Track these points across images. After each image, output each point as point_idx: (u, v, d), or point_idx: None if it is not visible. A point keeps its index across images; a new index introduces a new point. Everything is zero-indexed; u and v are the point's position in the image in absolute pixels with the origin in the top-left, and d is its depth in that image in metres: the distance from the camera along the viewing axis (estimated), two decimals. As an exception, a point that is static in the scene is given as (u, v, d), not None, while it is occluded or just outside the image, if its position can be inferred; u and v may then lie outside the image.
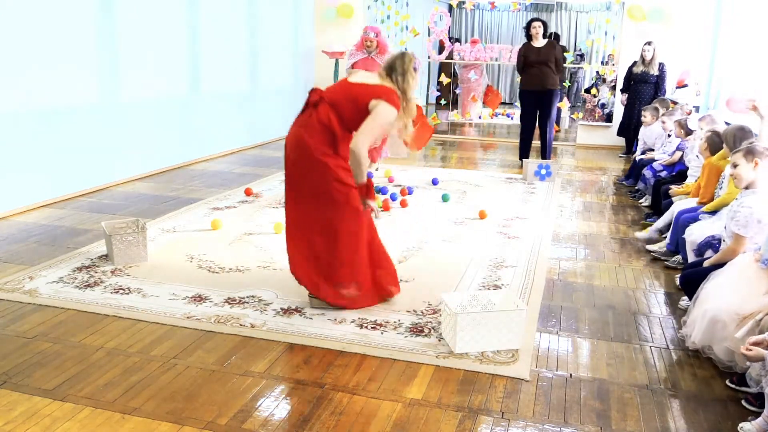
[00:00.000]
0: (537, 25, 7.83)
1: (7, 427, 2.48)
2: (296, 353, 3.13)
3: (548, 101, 7.94)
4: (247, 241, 4.83)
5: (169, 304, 3.64)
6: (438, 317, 3.52)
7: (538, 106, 8.00)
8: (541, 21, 7.91)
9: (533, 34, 7.84)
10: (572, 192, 6.92)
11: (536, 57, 7.80)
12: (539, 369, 3.05)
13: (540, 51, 7.82)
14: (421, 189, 6.71)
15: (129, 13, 6.49)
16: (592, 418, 2.66)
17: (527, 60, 7.86)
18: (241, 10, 8.70)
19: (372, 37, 6.99)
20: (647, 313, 3.76)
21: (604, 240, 5.17)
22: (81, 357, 3.03)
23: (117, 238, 4.23)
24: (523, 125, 8.27)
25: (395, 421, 2.59)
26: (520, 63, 8.02)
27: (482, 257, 4.62)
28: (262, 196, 6.27)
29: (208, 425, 2.53)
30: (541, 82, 7.85)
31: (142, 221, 4.53)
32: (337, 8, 10.59)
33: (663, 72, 8.65)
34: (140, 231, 4.32)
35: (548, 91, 7.88)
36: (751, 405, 2.73)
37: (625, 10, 9.79)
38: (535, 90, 7.89)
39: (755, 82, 6.98)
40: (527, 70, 7.92)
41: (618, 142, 9.62)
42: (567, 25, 16.56)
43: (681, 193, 5.18)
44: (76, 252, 4.47)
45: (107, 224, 4.42)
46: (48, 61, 5.60)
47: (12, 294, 3.73)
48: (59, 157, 5.82)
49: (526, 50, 7.92)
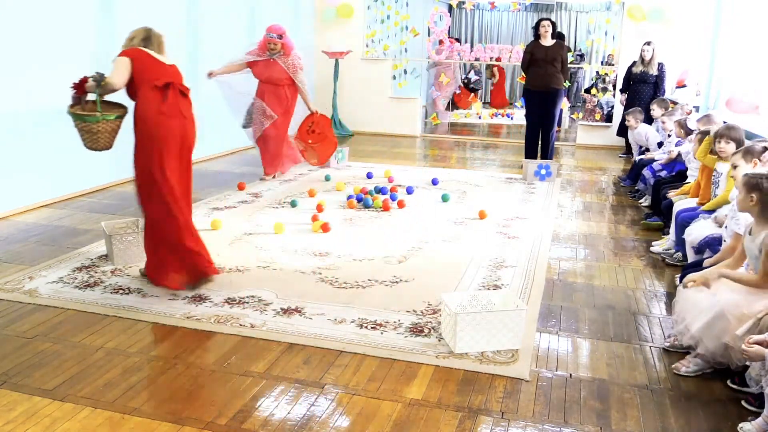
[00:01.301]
0: (547, 24, 7.77)
1: (7, 427, 2.48)
2: (296, 353, 3.13)
3: (553, 101, 7.89)
4: (247, 241, 4.83)
5: (169, 304, 3.64)
6: (438, 317, 3.52)
7: (542, 106, 7.94)
8: (550, 20, 7.87)
9: (542, 33, 7.76)
10: (572, 192, 6.92)
11: (543, 56, 7.74)
12: (539, 369, 3.05)
13: (547, 50, 7.77)
14: (421, 189, 6.71)
15: (129, 13, 6.48)
16: (592, 418, 2.66)
17: (534, 58, 7.80)
18: (241, 10, 8.70)
19: (276, 40, 6.55)
20: (647, 313, 3.76)
21: (604, 240, 5.17)
22: (81, 357, 3.03)
23: (117, 239, 4.24)
24: (529, 125, 8.17)
25: (395, 421, 2.59)
26: (525, 61, 7.93)
27: (482, 257, 4.62)
28: (262, 196, 6.28)
29: (208, 425, 2.53)
30: (546, 81, 7.79)
31: (142, 221, 4.51)
32: (337, 8, 10.60)
33: (662, 72, 8.65)
34: (140, 231, 4.30)
35: (553, 90, 7.83)
36: (750, 405, 2.73)
37: (625, 10, 9.80)
38: (541, 90, 7.84)
39: (755, 82, 6.98)
40: (533, 69, 7.84)
41: (618, 142, 9.62)
42: (567, 25, 16.55)
43: (680, 194, 5.18)
44: (76, 252, 4.47)
45: (107, 224, 4.42)
46: (48, 61, 5.60)
47: (12, 294, 3.73)
48: (59, 157, 5.81)
49: (533, 48, 7.85)
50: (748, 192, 3.00)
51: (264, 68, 6.67)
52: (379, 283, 4.05)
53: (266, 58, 6.62)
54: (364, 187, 6.34)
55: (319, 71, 10.78)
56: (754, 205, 2.99)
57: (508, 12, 16.71)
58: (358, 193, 6.12)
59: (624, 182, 7.27)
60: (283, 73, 6.64)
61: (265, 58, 6.62)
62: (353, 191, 6.26)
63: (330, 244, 4.80)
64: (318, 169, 7.67)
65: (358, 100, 10.71)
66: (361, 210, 5.79)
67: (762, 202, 2.95)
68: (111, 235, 4.25)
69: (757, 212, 3.00)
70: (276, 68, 6.65)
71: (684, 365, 3.05)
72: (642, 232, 5.41)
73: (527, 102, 8.17)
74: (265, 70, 6.67)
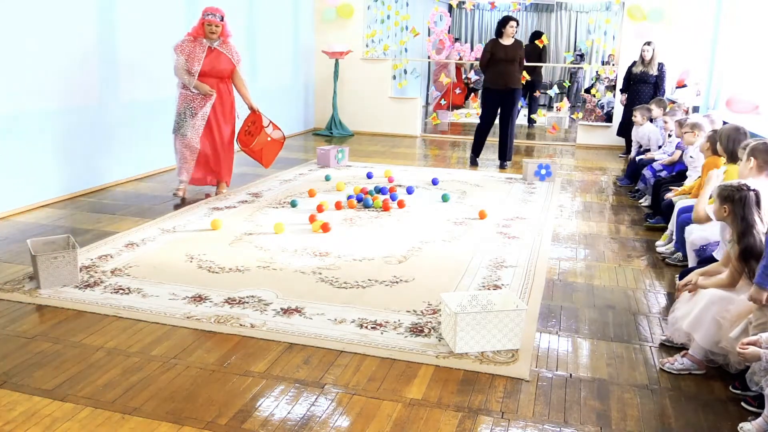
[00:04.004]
0: (514, 24, 7.86)
1: (7, 427, 2.48)
2: (296, 353, 3.13)
3: (512, 100, 7.97)
4: (247, 241, 4.83)
5: (169, 304, 3.64)
6: (438, 317, 3.52)
7: (501, 105, 7.98)
8: (516, 21, 7.93)
9: (509, 32, 7.82)
10: (572, 192, 6.92)
11: (504, 55, 7.81)
12: (539, 369, 3.05)
13: (507, 49, 7.83)
14: (421, 189, 6.71)
15: (129, 13, 6.48)
16: (592, 418, 2.66)
17: (494, 57, 7.84)
18: (241, 10, 8.70)
19: (218, 21, 5.56)
20: (647, 313, 3.76)
21: (604, 240, 5.17)
22: (81, 357, 3.03)
23: (43, 259, 3.74)
24: (482, 123, 8.22)
25: (395, 421, 2.59)
26: (485, 60, 7.94)
27: (482, 257, 4.62)
28: (262, 196, 6.27)
29: (208, 425, 2.53)
30: (507, 80, 7.86)
31: (73, 239, 4.07)
32: (337, 8, 10.59)
33: (662, 72, 8.65)
34: (71, 249, 3.89)
35: (513, 89, 7.92)
36: (750, 406, 2.73)
37: (625, 10, 9.80)
38: (501, 89, 7.89)
39: (755, 82, 6.98)
40: (493, 67, 7.89)
41: (618, 142, 9.62)
42: (567, 25, 16.56)
43: (681, 194, 5.17)
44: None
45: (33, 242, 3.94)
46: (48, 61, 5.60)
47: (12, 294, 3.73)
48: (59, 157, 5.82)
49: (493, 47, 7.89)
50: (722, 203, 3.12)
51: (210, 59, 5.67)
52: (379, 283, 4.05)
53: (207, 46, 5.65)
54: (364, 187, 6.34)
55: (319, 71, 10.79)
56: (727, 215, 3.10)
57: (508, 12, 16.70)
58: (358, 193, 6.12)
59: (621, 182, 7.27)
60: (229, 64, 5.79)
61: (204, 46, 5.63)
62: (353, 191, 6.26)
63: (330, 244, 4.80)
64: (318, 168, 7.67)
65: (358, 100, 10.71)
66: (360, 210, 5.79)
67: (734, 213, 3.06)
68: (36, 255, 3.76)
69: (730, 222, 3.11)
70: (221, 58, 5.72)
71: (670, 362, 3.09)
72: (642, 232, 5.41)
73: (486, 100, 8.16)
74: (209, 61, 5.67)
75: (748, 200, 3.04)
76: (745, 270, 2.98)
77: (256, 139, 6.12)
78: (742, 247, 2.98)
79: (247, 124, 6.10)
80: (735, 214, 3.05)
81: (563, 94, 13.91)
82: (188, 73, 5.62)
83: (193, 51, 5.62)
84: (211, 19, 5.56)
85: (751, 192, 3.06)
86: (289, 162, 8.06)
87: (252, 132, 6.11)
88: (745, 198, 3.04)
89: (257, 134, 6.12)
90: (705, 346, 2.99)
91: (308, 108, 10.89)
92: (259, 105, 6.15)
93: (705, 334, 2.98)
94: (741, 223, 3.02)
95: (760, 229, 2.99)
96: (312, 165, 7.92)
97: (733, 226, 3.08)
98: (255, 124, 6.10)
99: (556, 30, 16.60)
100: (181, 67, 5.64)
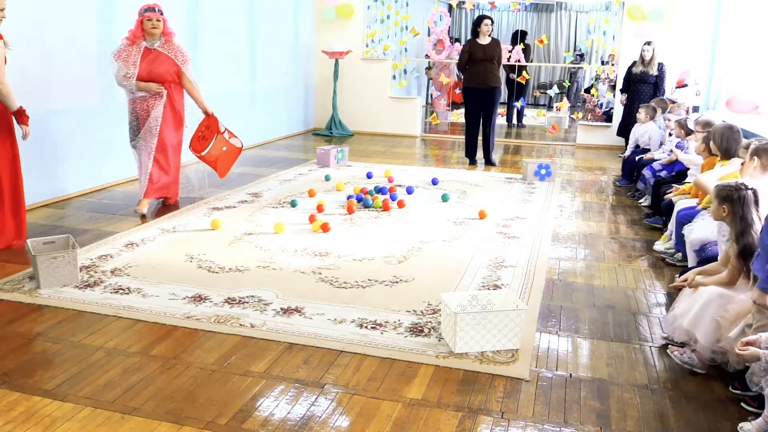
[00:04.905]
0: (489, 22, 7.91)
1: (7, 427, 2.48)
2: (296, 353, 3.13)
3: (492, 98, 8.02)
4: (247, 241, 4.83)
5: (169, 304, 3.64)
6: (438, 317, 3.52)
7: (482, 103, 8.03)
8: (491, 19, 7.97)
9: (484, 31, 7.88)
10: (572, 192, 6.92)
11: (482, 54, 7.86)
12: (539, 369, 3.05)
13: (485, 48, 7.88)
14: (421, 189, 6.71)
15: (129, 13, 6.47)
16: (592, 418, 2.66)
17: (473, 57, 7.89)
18: (241, 10, 8.70)
19: (159, 16, 5.11)
20: (647, 313, 3.76)
21: (604, 240, 5.17)
22: (81, 357, 3.03)
23: (43, 259, 3.75)
24: (468, 123, 8.27)
25: (395, 421, 2.59)
26: (464, 60, 8.01)
27: (482, 257, 4.62)
28: (262, 196, 6.27)
29: (208, 425, 2.53)
30: (485, 79, 7.90)
31: (73, 239, 4.09)
32: (337, 8, 10.60)
33: (662, 72, 8.65)
34: (70, 250, 3.89)
35: (493, 88, 7.96)
36: (749, 406, 2.73)
37: (624, 10, 9.80)
38: (480, 87, 7.93)
39: (755, 82, 6.98)
40: (472, 67, 7.94)
41: (618, 142, 9.62)
42: (567, 25, 16.56)
43: (681, 194, 5.18)
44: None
45: (33, 242, 3.97)
46: (49, 61, 5.60)
47: (12, 294, 3.73)
48: (59, 157, 5.82)
49: (471, 47, 7.94)
50: (720, 203, 3.13)
51: (147, 62, 5.13)
52: (379, 283, 4.05)
53: (149, 48, 5.16)
54: (364, 187, 6.34)
55: (319, 71, 10.79)
56: (727, 215, 3.11)
57: (508, 12, 16.70)
58: (358, 193, 6.12)
59: (620, 182, 7.27)
60: (172, 66, 5.26)
61: (142, 47, 5.14)
62: (353, 191, 6.26)
63: (330, 244, 4.80)
64: (318, 168, 7.67)
65: (358, 100, 10.72)
66: (361, 210, 5.79)
67: (733, 212, 3.07)
68: (36, 255, 3.77)
69: (729, 221, 3.13)
70: (162, 60, 5.18)
71: (679, 351, 3.12)
72: (642, 232, 5.41)
73: (467, 100, 8.21)
74: (148, 64, 5.14)
75: (746, 199, 3.05)
76: (744, 269, 2.99)
77: (210, 144, 5.66)
78: (742, 246, 3.00)
79: (201, 129, 5.60)
80: (734, 213, 3.06)
81: (563, 94, 13.91)
82: (125, 77, 5.15)
83: (129, 54, 5.14)
84: (150, 14, 5.10)
85: (749, 191, 3.08)
86: (289, 162, 8.07)
87: (206, 137, 5.63)
88: (744, 197, 3.05)
89: (211, 139, 5.65)
90: (705, 345, 3.00)
91: (308, 108, 10.90)
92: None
93: (704, 333, 2.99)
94: (740, 223, 3.03)
95: (758, 228, 3.00)
96: (312, 165, 7.92)
97: (732, 226, 3.09)
98: (209, 129, 5.64)
99: (556, 30, 16.61)
100: (120, 75, 5.19)
